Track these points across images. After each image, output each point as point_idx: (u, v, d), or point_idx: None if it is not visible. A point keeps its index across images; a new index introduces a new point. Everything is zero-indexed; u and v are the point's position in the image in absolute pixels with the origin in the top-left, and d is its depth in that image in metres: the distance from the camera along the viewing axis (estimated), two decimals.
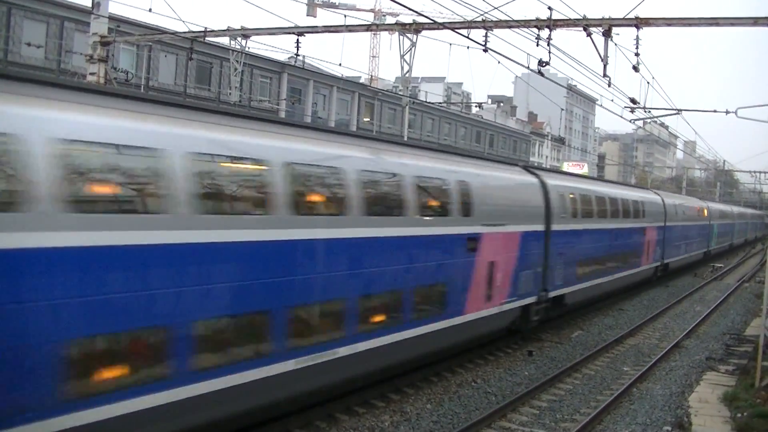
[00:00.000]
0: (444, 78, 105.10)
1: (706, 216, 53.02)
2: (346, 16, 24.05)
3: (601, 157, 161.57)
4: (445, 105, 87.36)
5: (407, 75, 46.61)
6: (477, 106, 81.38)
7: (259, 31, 24.74)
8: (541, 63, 20.24)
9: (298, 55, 24.85)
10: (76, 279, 8.39)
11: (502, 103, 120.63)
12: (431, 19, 22.70)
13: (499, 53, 21.02)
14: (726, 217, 65.72)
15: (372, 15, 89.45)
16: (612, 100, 37.10)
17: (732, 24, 18.96)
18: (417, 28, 23.11)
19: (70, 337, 8.29)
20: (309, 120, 61.64)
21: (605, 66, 20.26)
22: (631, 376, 18.24)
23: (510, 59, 21.83)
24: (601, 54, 19.94)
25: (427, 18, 22.45)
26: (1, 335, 7.67)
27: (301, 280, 11.55)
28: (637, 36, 19.65)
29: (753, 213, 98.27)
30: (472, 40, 20.83)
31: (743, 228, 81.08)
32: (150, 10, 26.45)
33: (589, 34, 19.71)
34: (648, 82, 26.65)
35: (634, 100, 25.73)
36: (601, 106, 36.14)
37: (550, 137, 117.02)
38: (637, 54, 20.32)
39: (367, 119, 75.00)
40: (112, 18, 27.05)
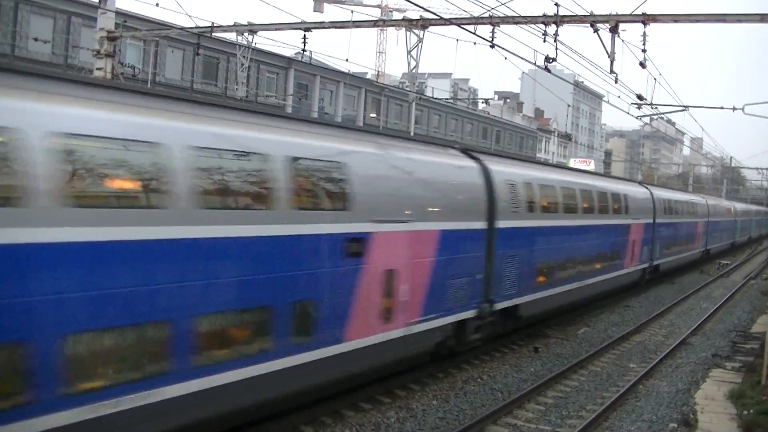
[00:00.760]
0: (451, 74, 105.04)
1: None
2: (353, 12, 23.96)
3: (608, 154, 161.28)
4: (451, 101, 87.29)
5: (414, 71, 46.56)
6: (484, 103, 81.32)
7: (266, 27, 24.78)
8: (547, 59, 20.26)
9: (305, 50, 24.83)
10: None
11: (508, 100, 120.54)
12: (438, 15, 22.69)
13: (506, 49, 21.10)
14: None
15: (379, 11, 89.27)
16: (619, 97, 37.10)
17: (739, 20, 18.92)
18: (424, 24, 23.07)
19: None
20: (316, 115, 61.63)
21: (612, 62, 20.24)
22: (637, 373, 18.21)
23: (517, 55, 21.93)
24: (608, 50, 19.93)
25: (434, 14, 22.48)
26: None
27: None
28: (644, 32, 19.66)
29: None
30: (479, 36, 20.81)
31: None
32: (157, 5, 26.51)
33: (596, 30, 19.70)
34: (655, 79, 26.60)
35: (640, 97, 25.72)
36: (607, 102, 36.08)
37: (556, 134, 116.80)
38: (644, 50, 20.31)
39: (374, 115, 74.98)
40: (119, 13, 27.10)
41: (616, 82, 21.99)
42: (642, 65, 20.98)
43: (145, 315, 9.18)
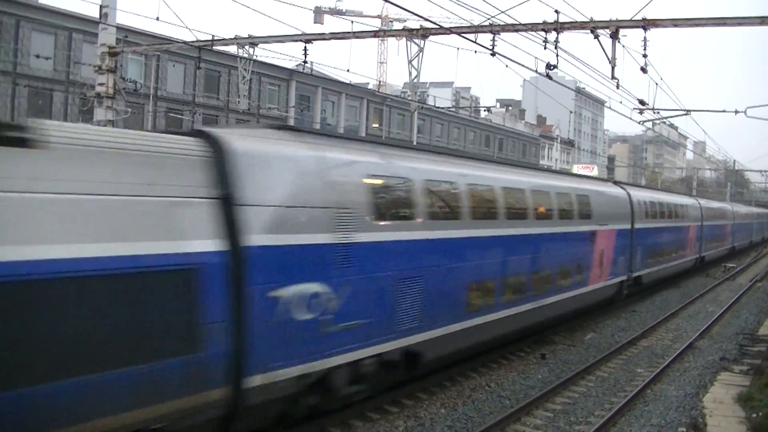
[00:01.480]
0: (452, 83, 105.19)
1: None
2: (353, 23, 23.95)
3: (611, 159, 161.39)
4: (453, 109, 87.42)
5: (415, 80, 46.63)
6: (486, 111, 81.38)
7: (267, 39, 24.80)
8: (549, 66, 20.24)
9: (306, 62, 24.87)
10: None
11: (510, 107, 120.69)
12: (438, 25, 22.73)
13: (506, 57, 21.07)
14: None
15: (379, 21, 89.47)
16: (621, 102, 37.10)
17: (739, 24, 18.92)
18: (424, 34, 23.10)
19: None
20: (318, 126, 61.70)
21: (613, 68, 20.24)
22: (645, 377, 18.17)
23: (518, 63, 21.85)
24: (609, 56, 19.93)
25: (434, 23, 22.51)
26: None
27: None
28: (645, 37, 19.63)
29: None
30: (479, 44, 20.84)
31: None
32: (157, 20, 26.56)
33: (596, 36, 19.70)
34: (656, 83, 26.52)
35: (642, 102, 25.70)
36: (609, 108, 36.11)
37: (559, 140, 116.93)
38: (644, 55, 20.28)
39: (376, 125, 75.10)
40: (120, 28, 27.16)
41: (618, 88, 21.99)
42: (643, 70, 20.97)
43: (487, 275, 17.23)
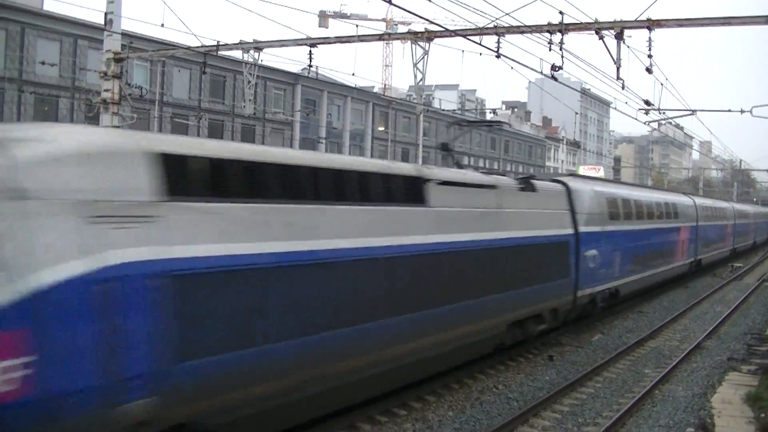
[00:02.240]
0: (457, 85, 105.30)
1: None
2: (358, 26, 23.99)
3: (617, 160, 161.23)
4: (459, 112, 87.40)
5: (420, 83, 46.75)
6: (491, 113, 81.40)
7: (272, 44, 24.84)
8: (554, 67, 20.27)
9: (311, 66, 24.92)
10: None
11: (516, 109, 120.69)
12: (443, 27, 22.74)
13: (511, 59, 21.10)
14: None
15: (384, 24, 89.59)
16: (626, 103, 37.14)
17: (744, 23, 18.92)
18: (429, 36, 23.13)
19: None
20: (323, 129, 61.77)
21: (618, 69, 20.25)
22: (653, 378, 18.13)
23: (523, 65, 21.88)
24: (614, 57, 19.94)
25: (439, 26, 22.51)
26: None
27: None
28: (650, 38, 19.64)
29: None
30: (484, 46, 20.86)
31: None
32: (162, 26, 26.70)
33: (601, 38, 19.70)
34: (662, 84, 26.50)
35: (648, 102, 25.68)
36: (615, 108, 36.11)
37: (565, 141, 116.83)
38: (649, 56, 20.27)
39: (382, 128, 75.14)
40: (125, 34, 27.28)
41: (623, 89, 22.02)
42: (648, 71, 20.97)
43: (644, 249, 28.47)
